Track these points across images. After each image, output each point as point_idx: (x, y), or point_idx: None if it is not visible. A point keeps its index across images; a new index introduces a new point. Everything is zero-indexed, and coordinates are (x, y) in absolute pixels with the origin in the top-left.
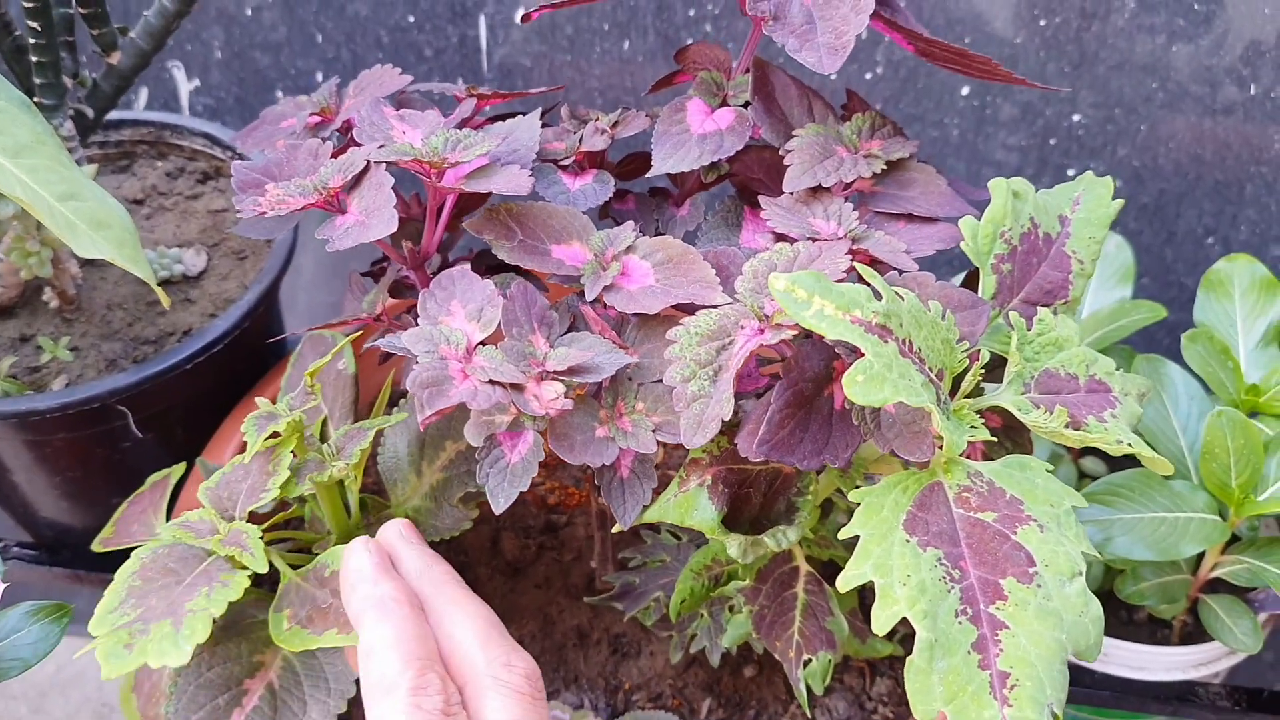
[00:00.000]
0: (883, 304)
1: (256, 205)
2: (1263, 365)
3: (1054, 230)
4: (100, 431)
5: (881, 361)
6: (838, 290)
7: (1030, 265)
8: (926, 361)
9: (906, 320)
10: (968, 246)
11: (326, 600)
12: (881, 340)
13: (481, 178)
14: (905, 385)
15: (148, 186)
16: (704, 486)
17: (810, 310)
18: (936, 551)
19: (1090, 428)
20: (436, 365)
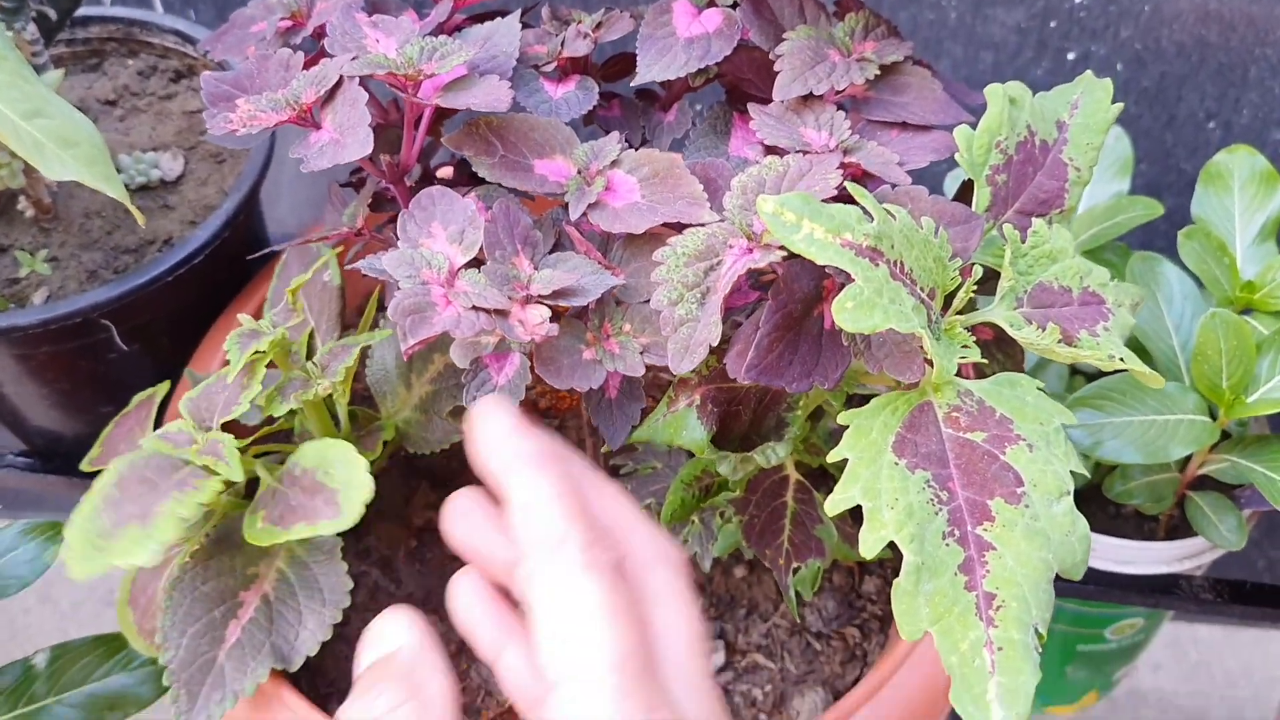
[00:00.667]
0: (874, 225)
1: (228, 122)
2: (1259, 261)
3: (1051, 137)
4: (85, 344)
5: (872, 287)
6: (828, 212)
7: (1026, 175)
8: (918, 282)
9: (898, 240)
10: (962, 158)
11: (297, 498)
12: (872, 264)
13: (460, 90)
14: (896, 311)
15: (119, 86)
16: (693, 407)
17: (800, 234)
18: (925, 473)
19: (1083, 343)
20: (418, 291)
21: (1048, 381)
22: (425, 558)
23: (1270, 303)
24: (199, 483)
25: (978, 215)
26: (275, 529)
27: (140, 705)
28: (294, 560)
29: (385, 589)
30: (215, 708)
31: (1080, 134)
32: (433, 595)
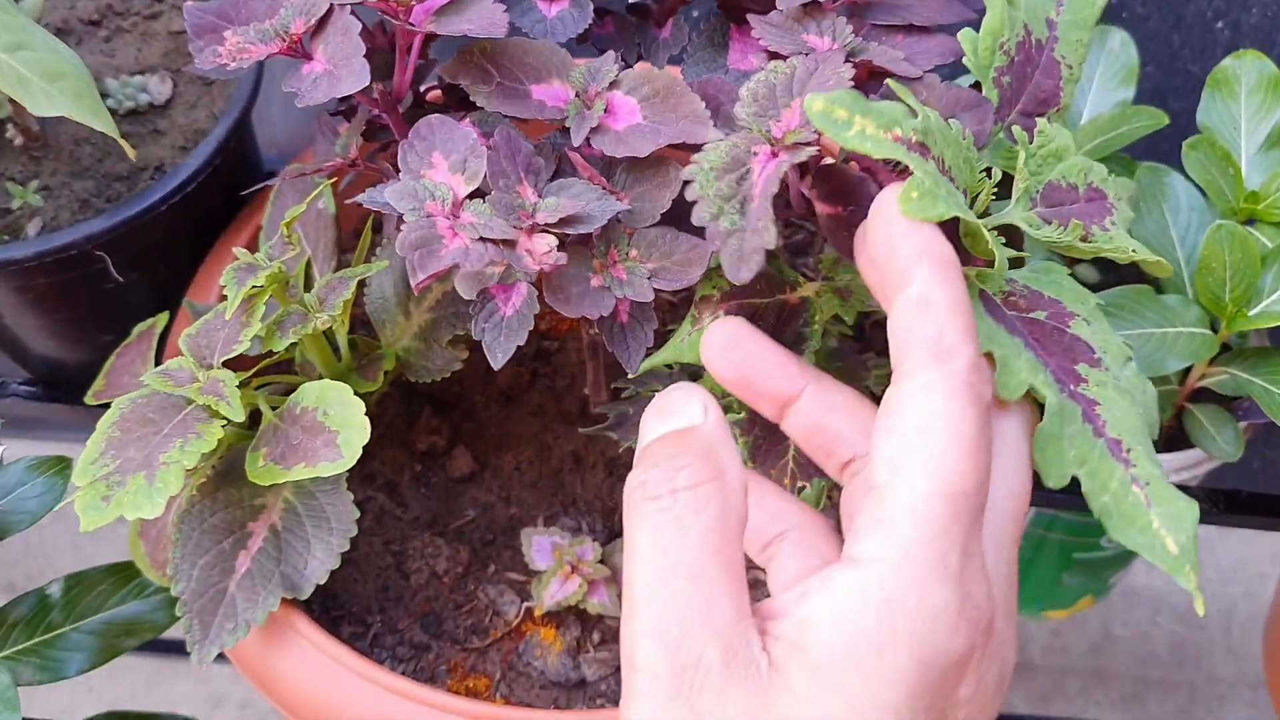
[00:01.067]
0: (919, 121)
1: (216, 56)
2: (1264, 169)
3: (1043, 36)
4: (81, 275)
5: (930, 179)
6: (877, 109)
7: (1025, 75)
8: (955, 180)
9: (939, 138)
10: (969, 60)
11: (298, 437)
12: (923, 158)
13: (453, 14)
14: (955, 201)
15: (103, 6)
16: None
17: (852, 130)
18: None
19: (1097, 237)
20: (424, 224)
21: None
22: (430, 481)
23: (1274, 213)
24: (201, 427)
25: (987, 100)
26: (277, 468)
27: (156, 630)
28: (301, 490)
29: (391, 513)
30: (228, 637)
31: (1069, 31)
32: (439, 518)
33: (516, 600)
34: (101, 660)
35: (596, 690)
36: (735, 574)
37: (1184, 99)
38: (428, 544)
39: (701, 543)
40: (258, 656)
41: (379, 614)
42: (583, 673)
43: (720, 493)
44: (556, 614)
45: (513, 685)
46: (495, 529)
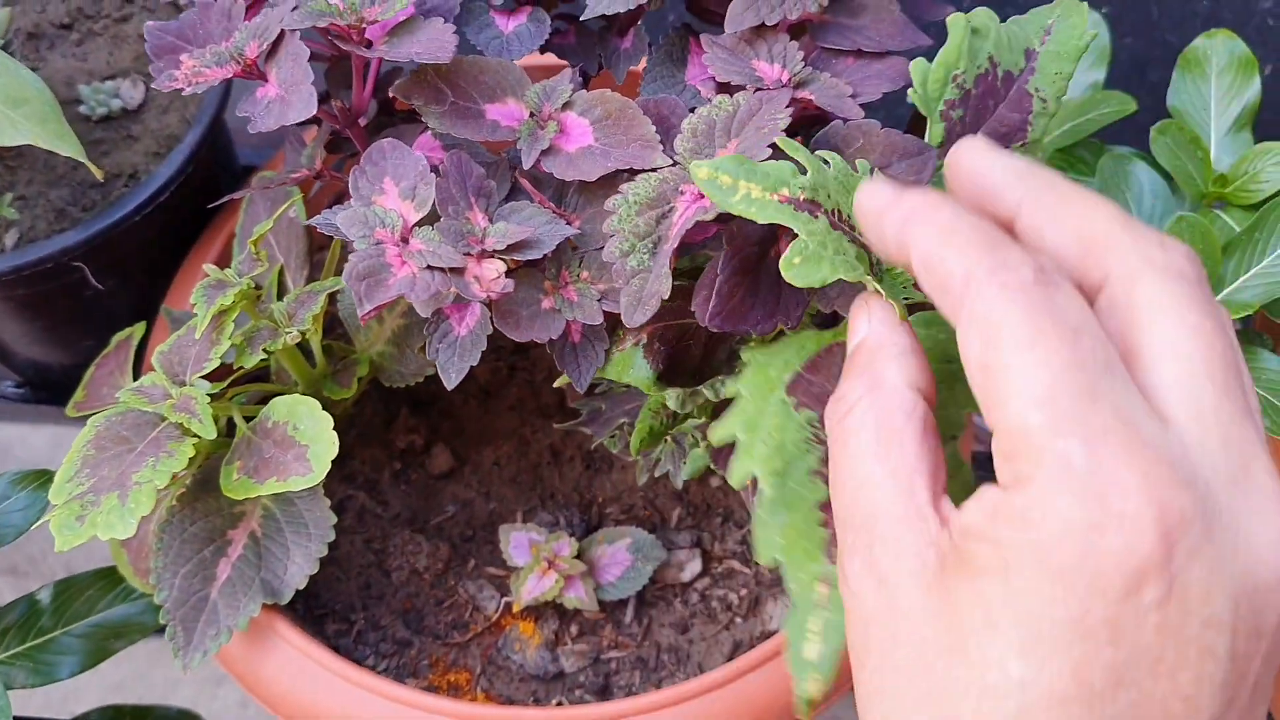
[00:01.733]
0: (808, 178)
1: (173, 80)
2: (1233, 151)
3: (1017, 67)
4: (60, 284)
5: (815, 240)
6: (762, 171)
7: (985, 108)
8: (857, 228)
9: (834, 189)
10: (915, 95)
11: (270, 450)
12: (812, 216)
13: (404, 34)
14: (842, 262)
15: (73, 9)
16: (639, 345)
17: (737, 196)
18: (811, 414)
19: None
20: (373, 252)
21: None
22: (410, 479)
23: (1242, 196)
24: (173, 445)
25: (930, 148)
26: (250, 481)
27: (144, 631)
28: (279, 497)
29: (372, 511)
30: (211, 643)
31: (1050, 63)
32: (419, 515)
33: (496, 595)
34: (92, 662)
35: (575, 682)
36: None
37: (1163, 70)
38: (408, 541)
39: (864, 454)
40: (241, 659)
41: (362, 611)
42: (561, 665)
43: (876, 400)
44: (535, 608)
45: (493, 679)
46: (475, 524)
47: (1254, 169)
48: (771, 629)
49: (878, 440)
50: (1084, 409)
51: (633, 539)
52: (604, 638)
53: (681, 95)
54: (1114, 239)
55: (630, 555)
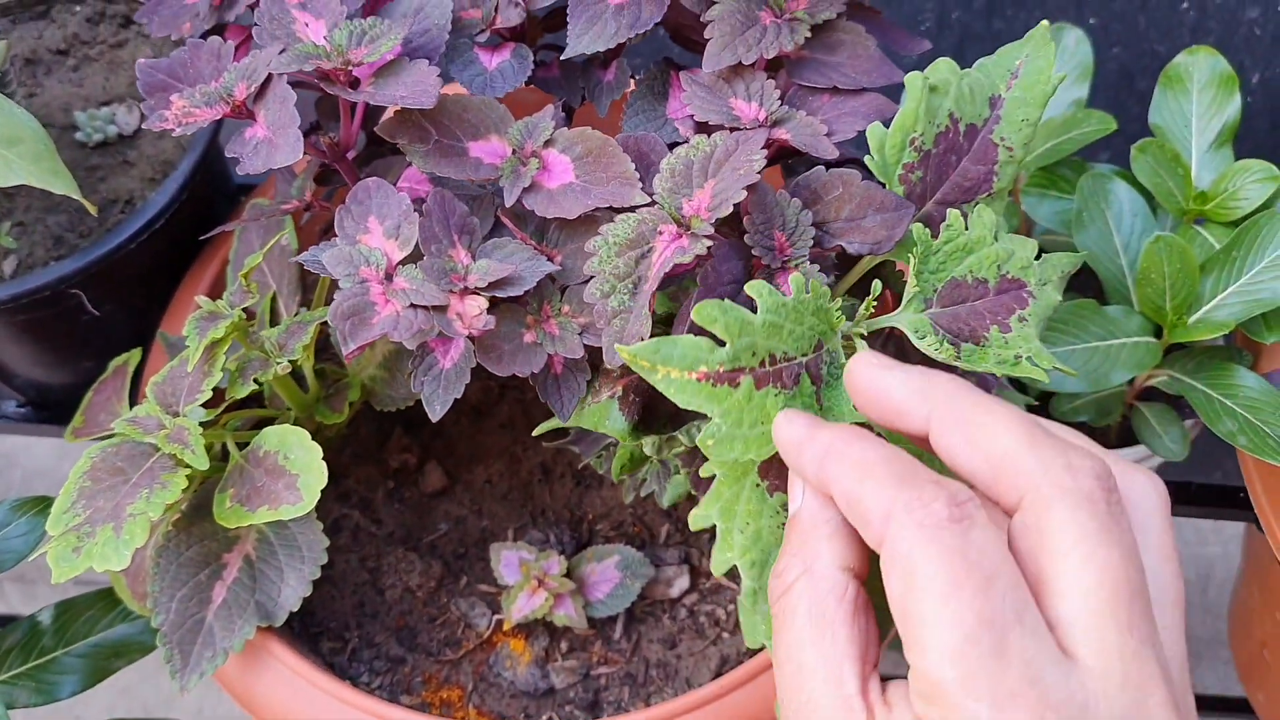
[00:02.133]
0: (726, 350)
1: (163, 120)
2: (1214, 168)
3: (980, 118)
4: (58, 310)
5: (730, 420)
6: (679, 353)
7: (947, 165)
8: (797, 349)
9: (762, 336)
10: (873, 162)
11: (261, 479)
12: (731, 387)
13: (389, 76)
14: (757, 435)
15: (69, 35)
16: (614, 398)
17: (658, 377)
18: (783, 496)
19: (991, 341)
20: (357, 291)
21: None
22: (403, 497)
23: (1222, 213)
24: (166, 476)
25: (907, 204)
26: (242, 509)
27: (143, 651)
28: (273, 521)
29: (366, 529)
30: (207, 665)
31: (1015, 109)
32: (412, 533)
33: (488, 612)
34: (93, 681)
35: (565, 698)
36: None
37: (1151, 79)
38: (402, 559)
39: (798, 637)
40: (237, 679)
41: (356, 629)
42: (551, 681)
43: (809, 585)
44: (525, 625)
45: (484, 695)
46: (467, 542)
47: (1234, 186)
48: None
49: (811, 624)
50: (993, 668)
51: (621, 556)
52: (593, 654)
53: (663, 129)
54: (1022, 462)
55: (619, 572)
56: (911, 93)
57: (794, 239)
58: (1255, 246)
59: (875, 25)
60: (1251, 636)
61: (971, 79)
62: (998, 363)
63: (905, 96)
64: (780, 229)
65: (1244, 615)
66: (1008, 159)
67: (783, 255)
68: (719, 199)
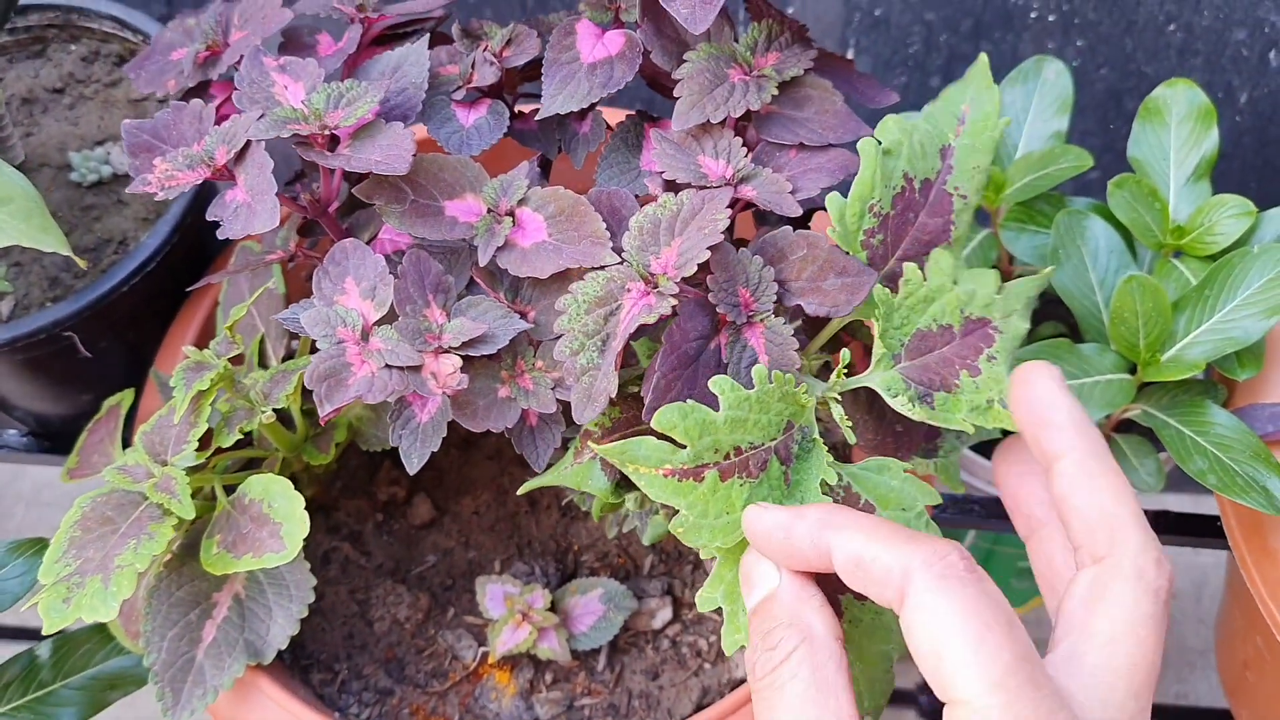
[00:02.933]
0: (687, 452)
1: (146, 184)
2: (1192, 201)
3: (933, 172)
4: (54, 350)
5: (695, 511)
6: (643, 453)
7: (906, 222)
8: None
9: (725, 433)
10: (834, 233)
11: (246, 526)
12: (696, 482)
13: (367, 139)
14: (724, 524)
15: (65, 74)
16: (595, 459)
17: (629, 470)
18: None
19: (962, 388)
20: (334, 353)
21: None
22: (392, 529)
23: (1199, 247)
24: (153, 527)
25: (869, 271)
26: (228, 556)
27: (139, 683)
28: None
29: (356, 562)
30: (198, 702)
31: (966, 157)
32: (401, 565)
33: (474, 644)
34: (90, 713)
35: None
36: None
37: (1138, 100)
38: (390, 591)
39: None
40: (227, 714)
41: (345, 661)
42: (535, 713)
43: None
44: (511, 657)
45: None
46: (454, 574)
47: (1210, 221)
48: (739, 677)
49: (816, 688)
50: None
51: (605, 589)
52: (577, 685)
53: (636, 181)
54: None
55: (602, 605)
56: (866, 160)
57: (757, 294)
58: (1228, 284)
59: (844, 77)
60: (1235, 657)
61: (921, 133)
62: (970, 410)
63: (861, 164)
64: (744, 285)
65: (1229, 635)
66: (963, 206)
67: (748, 310)
68: (684, 258)
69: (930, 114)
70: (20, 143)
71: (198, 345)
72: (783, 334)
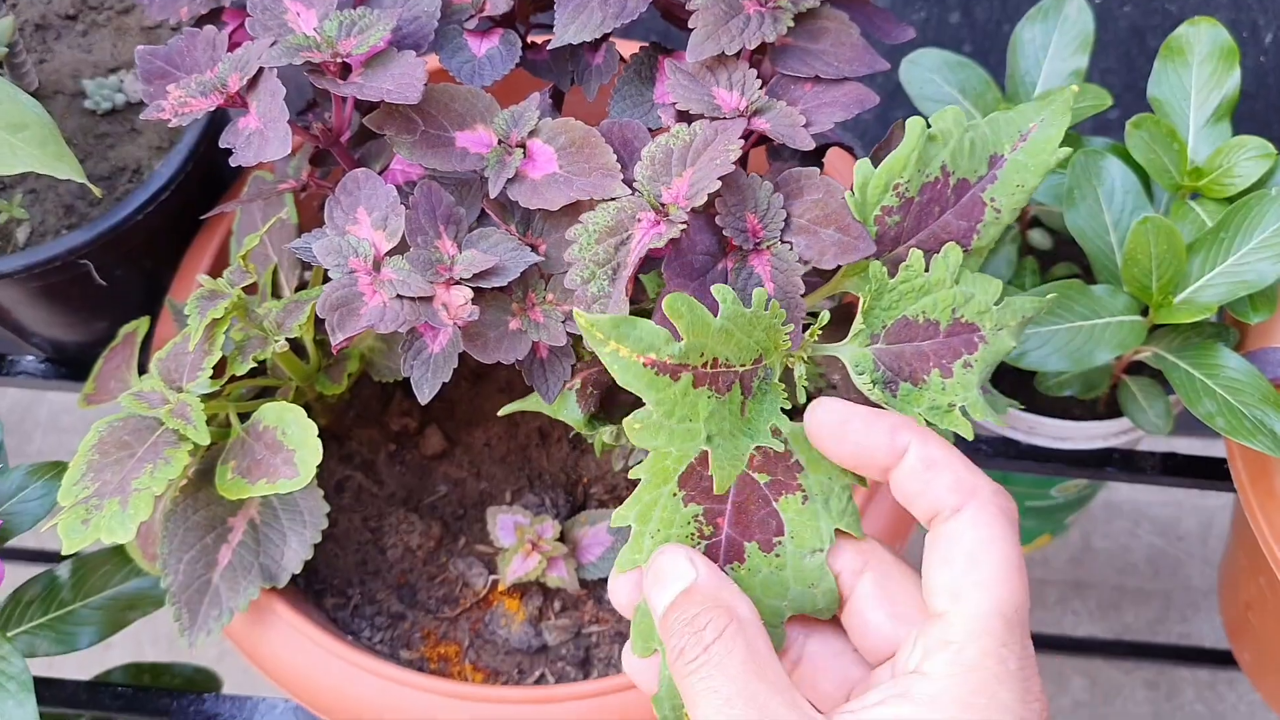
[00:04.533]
0: (680, 345)
1: (160, 110)
2: (1211, 143)
3: (976, 174)
4: (70, 277)
5: (663, 410)
6: (636, 334)
7: (929, 214)
8: (739, 358)
9: (714, 340)
10: (852, 199)
11: (261, 452)
12: (672, 379)
13: (379, 68)
14: (682, 431)
15: (78, 1)
16: (571, 390)
17: (606, 350)
18: (697, 508)
19: (930, 385)
20: (345, 282)
21: (995, 267)
22: (404, 459)
23: (1217, 189)
24: (169, 452)
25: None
26: (243, 481)
27: (156, 604)
28: None
29: (369, 490)
30: (214, 623)
31: (1014, 173)
32: (413, 494)
33: (484, 572)
34: (110, 632)
35: (557, 654)
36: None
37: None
38: (403, 520)
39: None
40: (244, 635)
41: (359, 586)
42: (544, 639)
43: (740, 629)
44: (520, 585)
45: (480, 651)
46: (466, 503)
47: (1229, 162)
48: None
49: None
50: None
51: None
52: (585, 613)
53: (649, 114)
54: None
55: (611, 536)
56: (909, 139)
57: (765, 221)
58: (1244, 227)
59: (861, 10)
60: (1238, 597)
61: (977, 132)
62: (930, 408)
63: (904, 139)
64: (752, 211)
65: (1232, 576)
66: (993, 219)
67: (755, 237)
68: (696, 187)
69: (994, 119)
70: (34, 69)
71: (212, 272)
72: (788, 261)
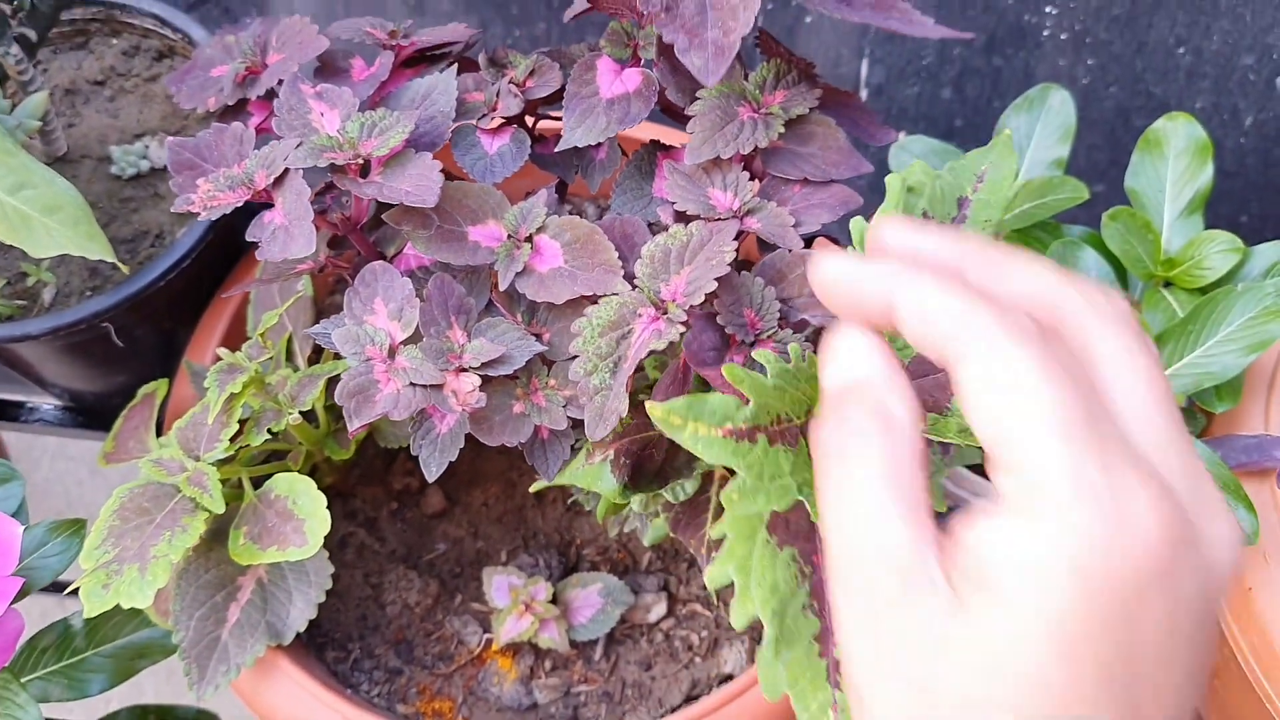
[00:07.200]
0: (750, 408)
1: (189, 204)
2: (1184, 234)
3: (949, 216)
4: (93, 336)
5: (753, 473)
6: (710, 409)
7: None
8: (795, 412)
9: (772, 395)
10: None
11: (271, 520)
12: (751, 444)
13: (397, 169)
14: (776, 489)
15: (106, 67)
16: (606, 461)
17: (685, 433)
18: (792, 549)
19: (952, 411)
20: (362, 370)
21: None
22: (405, 517)
23: (1188, 279)
24: (186, 520)
25: None
26: (254, 547)
27: (166, 653)
28: None
29: (371, 547)
30: (221, 678)
31: (980, 211)
32: (413, 551)
33: (479, 630)
34: (119, 680)
35: (547, 713)
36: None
37: (1146, 118)
38: (402, 576)
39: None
40: (250, 689)
41: (358, 641)
42: (535, 698)
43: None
44: (513, 645)
45: (473, 708)
46: (463, 562)
47: (1200, 254)
48: (727, 671)
49: (889, 478)
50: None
51: (604, 584)
52: (574, 673)
53: (648, 207)
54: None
55: (601, 599)
56: (892, 192)
57: (762, 313)
58: (1210, 320)
59: (848, 114)
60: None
61: (943, 181)
62: (959, 431)
63: (887, 196)
64: (749, 306)
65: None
66: None
67: (754, 330)
68: (693, 286)
69: (953, 168)
70: (63, 134)
71: (228, 335)
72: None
